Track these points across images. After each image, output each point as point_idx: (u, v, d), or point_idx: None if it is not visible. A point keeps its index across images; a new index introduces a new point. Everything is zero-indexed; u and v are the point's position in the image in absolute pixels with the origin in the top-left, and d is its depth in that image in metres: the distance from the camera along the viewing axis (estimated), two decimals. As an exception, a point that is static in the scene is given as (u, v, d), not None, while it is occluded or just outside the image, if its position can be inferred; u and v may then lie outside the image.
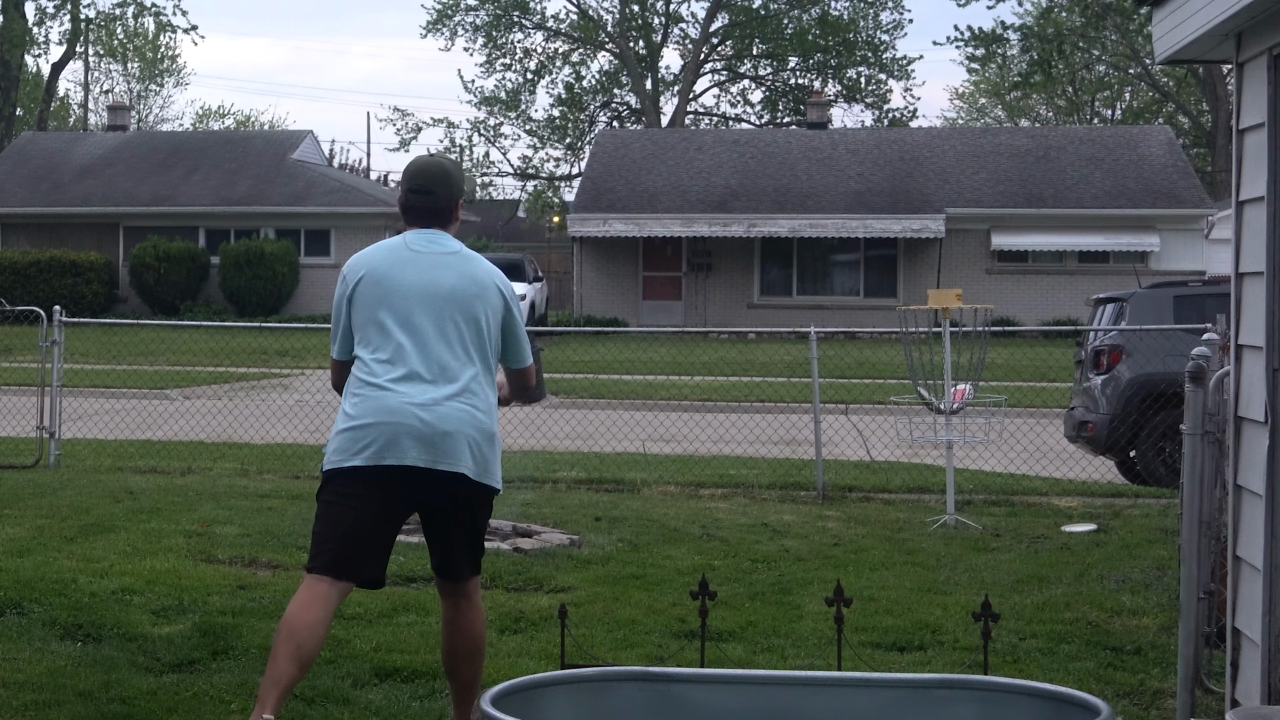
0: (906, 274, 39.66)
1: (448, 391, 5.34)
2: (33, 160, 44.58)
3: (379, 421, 5.32)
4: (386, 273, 5.47)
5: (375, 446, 5.31)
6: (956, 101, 74.72)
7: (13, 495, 11.66)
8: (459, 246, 5.60)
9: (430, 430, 5.28)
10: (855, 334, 26.68)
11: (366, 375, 5.42)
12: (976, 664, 6.26)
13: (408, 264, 5.48)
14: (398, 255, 5.52)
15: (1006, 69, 56.01)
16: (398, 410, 5.30)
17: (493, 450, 5.43)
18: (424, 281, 5.44)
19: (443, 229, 5.62)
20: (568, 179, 61.08)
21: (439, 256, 5.51)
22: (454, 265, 5.51)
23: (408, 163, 5.79)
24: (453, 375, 5.37)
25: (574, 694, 4.46)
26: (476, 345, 5.44)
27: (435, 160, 5.70)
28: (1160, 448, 13.80)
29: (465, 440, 5.31)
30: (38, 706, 6.04)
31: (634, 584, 8.67)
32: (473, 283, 5.49)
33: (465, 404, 5.35)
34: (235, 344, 30.38)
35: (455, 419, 5.31)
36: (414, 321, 5.40)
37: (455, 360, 5.39)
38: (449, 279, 5.46)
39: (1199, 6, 5.82)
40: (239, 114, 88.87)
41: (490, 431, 5.41)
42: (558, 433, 17.81)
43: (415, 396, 5.31)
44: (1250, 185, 5.76)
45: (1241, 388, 5.85)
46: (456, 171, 5.73)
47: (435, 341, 5.38)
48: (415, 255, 5.51)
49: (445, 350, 5.38)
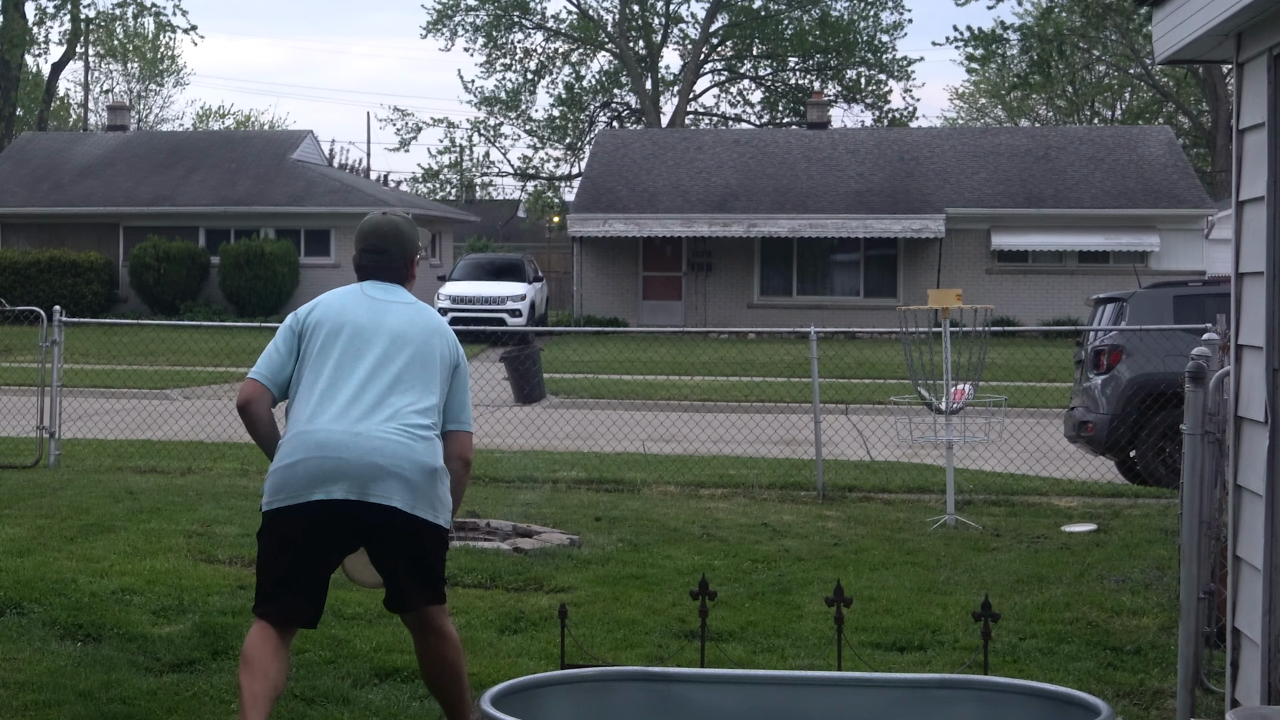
0: (906, 274, 39.65)
1: (384, 424, 5.24)
2: (33, 160, 44.58)
3: (308, 457, 5.24)
4: (339, 312, 5.47)
5: (303, 483, 5.22)
6: (956, 101, 74.77)
7: (13, 495, 11.65)
8: (413, 300, 5.58)
9: (359, 461, 5.18)
10: (855, 334, 26.68)
11: (303, 406, 5.38)
12: (976, 664, 6.26)
13: (365, 307, 5.48)
14: (358, 299, 5.53)
15: (1006, 69, 55.99)
16: (326, 444, 5.23)
17: (432, 484, 5.25)
18: (374, 321, 5.42)
19: (400, 285, 5.61)
20: (568, 179, 61.08)
21: (398, 307, 5.50)
22: (408, 313, 5.48)
23: (360, 223, 5.75)
24: (392, 408, 5.27)
25: (574, 694, 4.46)
26: (424, 383, 5.35)
27: (387, 219, 5.66)
28: (1160, 448, 13.79)
29: (397, 473, 5.18)
30: (38, 706, 6.04)
31: (634, 584, 8.67)
32: (425, 329, 5.45)
33: (402, 436, 5.23)
34: (235, 344, 30.35)
35: (390, 450, 5.20)
36: (361, 357, 5.36)
37: (399, 396, 5.30)
38: (400, 321, 5.44)
39: (1199, 6, 5.82)
40: (239, 114, 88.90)
41: (430, 466, 5.25)
42: (558, 433, 17.80)
43: (347, 427, 5.23)
44: (1250, 185, 5.76)
45: (1241, 388, 5.85)
46: (409, 229, 5.69)
47: (379, 378, 5.32)
48: (374, 301, 5.51)
49: (389, 386, 5.31)
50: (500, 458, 15.39)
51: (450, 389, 5.44)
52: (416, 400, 5.31)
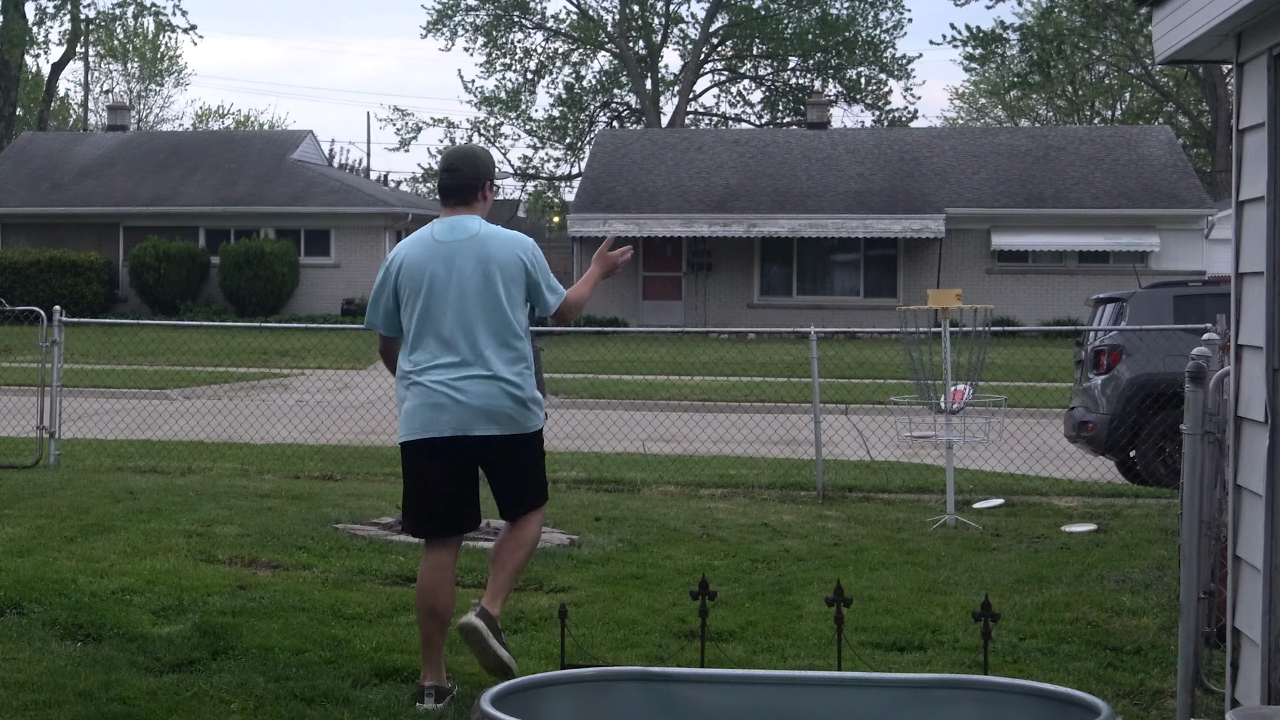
0: (906, 274, 39.66)
1: (468, 373, 6.20)
2: (33, 160, 44.57)
3: (421, 403, 6.25)
4: (415, 265, 6.31)
5: (420, 423, 6.25)
6: (956, 101, 74.77)
7: (13, 495, 11.65)
8: (477, 229, 6.35)
9: (461, 406, 6.19)
10: (855, 334, 26.68)
11: (408, 366, 6.33)
12: (976, 664, 6.26)
13: (432, 254, 6.31)
14: (425, 247, 6.34)
15: (1006, 69, 55.98)
16: (427, 392, 6.23)
17: (527, 406, 6.28)
18: (445, 272, 6.26)
19: (469, 207, 6.43)
20: (568, 179, 61.09)
21: (460, 244, 6.30)
22: (474, 251, 6.28)
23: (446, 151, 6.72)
24: (476, 355, 6.21)
25: (574, 694, 4.45)
26: (499, 322, 6.25)
27: (465, 145, 6.70)
28: (1160, 448, 13.79)
29: (481, 408, 6.19)
30: (38, 706, 6.04)
31: (634, 584, 8.67)
32: (491, 262, 6.28)
33: (497, 377, 6.21)
34: (235, 344, 30.38)
35: (482, 394, 6.20)
36: (441, 311, 6.24)
37: (477, 341, 6.22)
38: (467, 267, 6.26)
39: (1199, 6, 5.82)
40: (238, 114, 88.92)
41: (523, 393, 6.25)
42: (558, 433, 17.80)
43: (455, 376, 6.20)
44: (1250, 185, 5.75)
45: (1241, 388, 5.85)
46: (484, 155, 6.60)
47: (460, 327, 6.23)
48: (439, 245, 6.32)
49: (467, 334, 6.22)
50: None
51: (531, 290, 6.37)
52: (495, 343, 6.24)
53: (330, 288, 40.87)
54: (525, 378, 6.28)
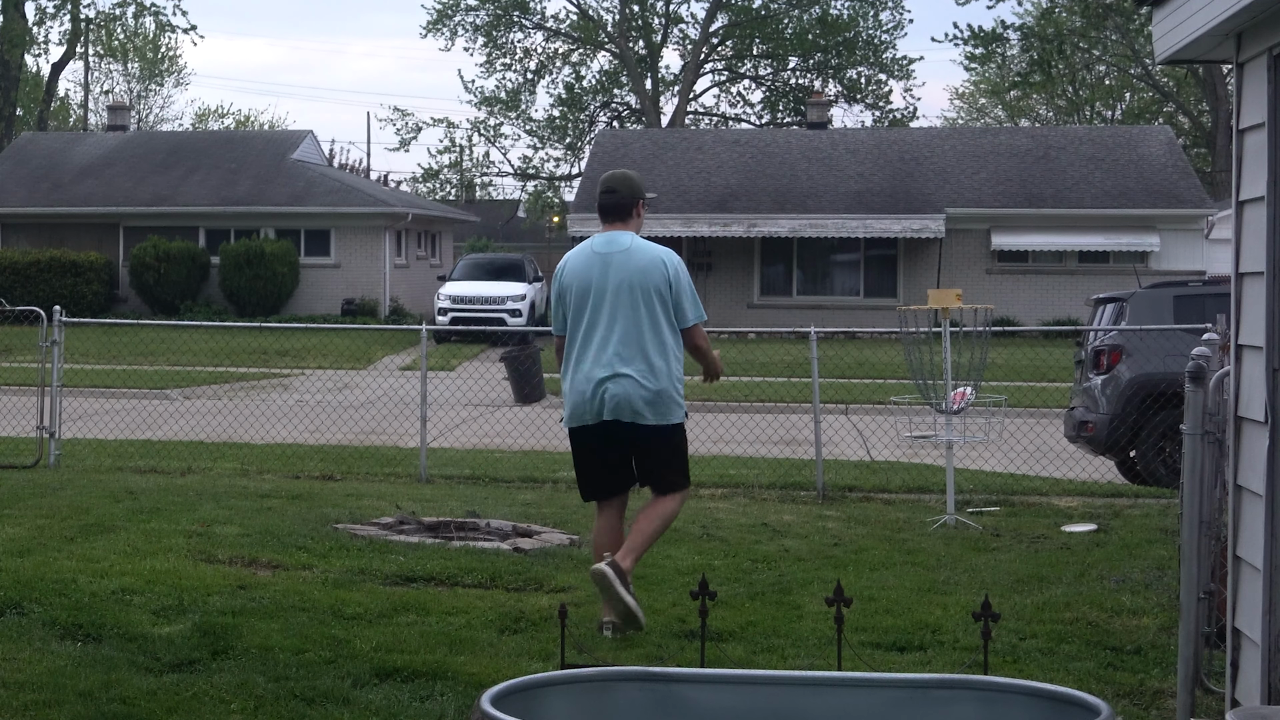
0: (906, 274, 39.65)
1: (616, 371, 7.31)
2: (33, 160, 44.56)
3: (574, 394, 7.43)
4: (579, 275, 7.47)
5: (574, 412, 7.46)
6: (956, 101, 74.76)
7: (13, 495, 11.65)
8: (629, 243, 7.48)
9: (603, 398, 7.33)
10: (855, 334, 26.68)
11: (567, 361, 7.51)
12: (976, 664, 6.26)
13: (592, 265, 7.45)
14: (587, 259, 7.50)
15: (1006, 69, 55.98)
16: (583, 386, 7.38)
17: (661, 401, 7.35)
18: (599, 281, 7.39)
19: (624, 224, 7.58)
20: (568, 179, 61.08)
21: (615, 256, 7.43)
22: (626, 264, 7.40)
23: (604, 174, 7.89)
24: (623, 354, 7.32)
25: (574, 694, 4.45)
26: (643, 326, 7.33)
27: (621, 170, 7.80)
28: (1160, 448, 13.79)
29: (625, 400, 7.31)
30: (38, 706, 6.04)
31: (634, 584, 8.66)
32: (637, 275, 7.38)
33: (631, 375, 7.31)
34: (235, 344, 30.38)
35: (622, 389, 7.31)
36: (598, 314, 7.37)
37: (625, 343, 7.31)
38: (621, 277, 7.37)
39: (1199, 6, 5.82)
40: (238, 114, 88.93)
41: (657, 389, 7.33)
42: (558, 433, 17.77)
43: (599, 373, 7.34)
44: (1250, 185, 5.75)
45: (1241, 388, 5.85)
46: (637, 179, 7.80)
47: (610, 329, 7.33)
48: (598, 257, 7.46)
49: (618, 336, 7.32)
50: (500, 458, 15.39)
51: (672, 297, 7.41)
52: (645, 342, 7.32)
53: (330, 288, 40.86)
54: (664, 377, 7.34)
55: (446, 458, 15.27)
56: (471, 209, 58.31)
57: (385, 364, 29.65)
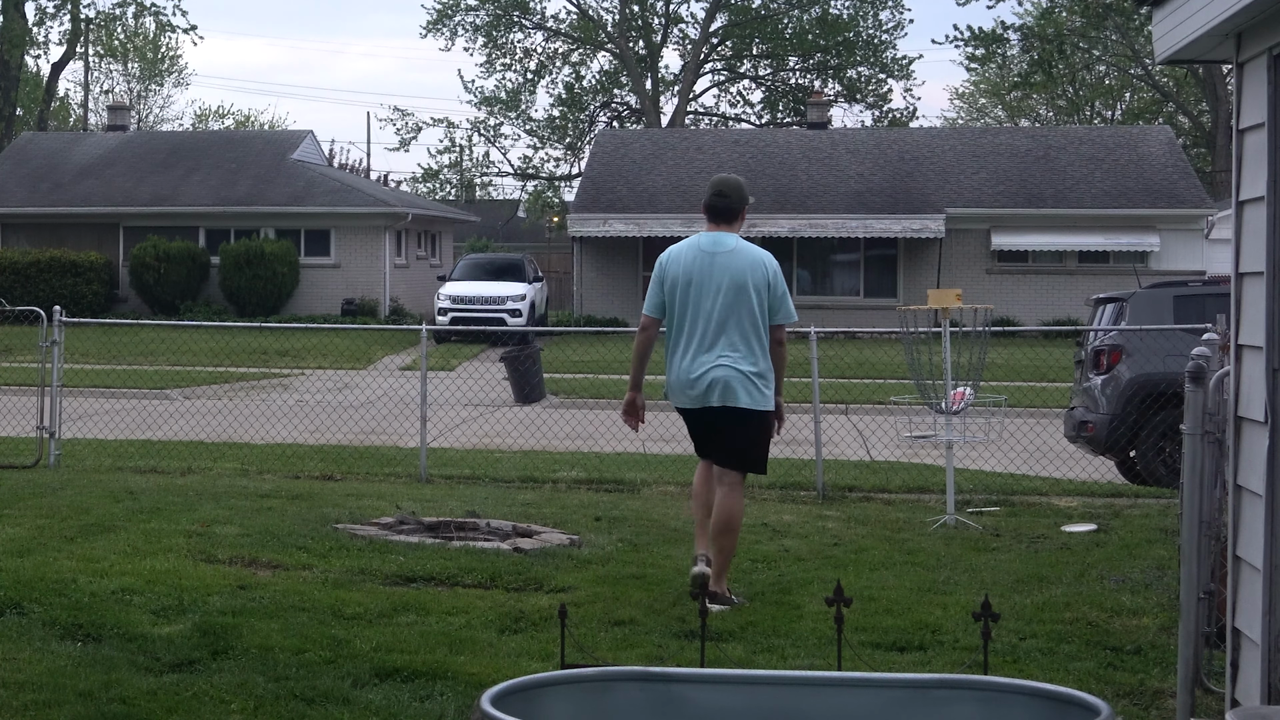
0: (906, 274, 39.64)
1: (717, 359, 8.05)
2: (33, 160, 44.56)
3: (676, 380, 8.21)
4: (685, 269, 8.18)
5: (674, 395, 8.26)
6: (956, 101, 74.73)
7: (13, 495, 11.65)
8: (734, 244, 8.21)
9: (703, 384, 8.08)
10: (855, 334, 26.68)
11: (671, 348, 8.25)
12: (976, 664, 6.26)
13: (699, 262, 8.17)
14: (695, 255, 8.22)
15: (1006, 69, 55.98)
16: (685, 373, 8.14)
17: (752, 385, 8.07)
18: (705, 277, 8.12)
19: (730, 226, 8.33)
20: (568, 179, 61.08)
21: (721, 255, 8.15)
22: (730, 263, 8.13)
23: (713, 177, 8.68)
24: (725, 344, 8.05)
25: (574, 694, 4.45)
26: (743, 320, 8.05)
27: (731, 176, 8.69)
28: (1160, 448, 13.78)
29: (722, 385, 8.05)
30: (38, 706, 6.04)
31: (634, 584, 8.66)
32: (741, 274, 8.09)
33: (729, 364, 8.05)
34: (235, 344, 30.37)
35: (721, 374, 8.05)
36: (701, 307, 8.10)
37: (725, 334, 8.04)
38: (726, 275, 8.09)
39: (1199, 6, 5.82)
40: (238, 114, 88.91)
41: (749, 374, 8.06)
42: (558, 433, 17.80)
43: (697, 361, 8.09)
44: (1250, 185, 5.76)
45: (1241, 388, 5.85)
46: (745, 185, 8.58)
47: (712, 321, 8.06)
48: (705, 255, 8.19)
49: (718, 327, 8.05)
50: (500, 458, 15.39)
51: (769, 297, 8.12)
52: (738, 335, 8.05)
53: (330, 288, 40.85)
54: (757, 365, 8.06)
55: (446, 458, 15.27)
56: (471, 209, 58.29)
57: (385, 364, 29.66)
